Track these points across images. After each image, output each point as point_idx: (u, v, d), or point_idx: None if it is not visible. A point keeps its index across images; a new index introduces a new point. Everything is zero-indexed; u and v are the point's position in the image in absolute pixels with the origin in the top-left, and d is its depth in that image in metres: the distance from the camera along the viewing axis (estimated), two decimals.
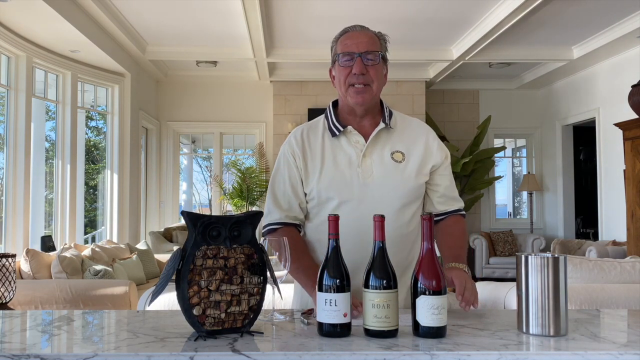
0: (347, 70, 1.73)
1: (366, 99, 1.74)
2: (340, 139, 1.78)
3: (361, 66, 1.71)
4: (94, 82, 7.03)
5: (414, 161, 1.77)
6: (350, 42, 1.73)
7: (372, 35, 1.76)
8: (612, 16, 5.95)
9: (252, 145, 9.33)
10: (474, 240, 8.44)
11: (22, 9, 4.86)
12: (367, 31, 1.77)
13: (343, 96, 1.78)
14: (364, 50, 1.71)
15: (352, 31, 1.77)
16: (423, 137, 1.82)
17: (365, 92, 1.73)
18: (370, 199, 1.71)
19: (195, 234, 1.32)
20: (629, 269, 2.95)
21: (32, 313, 1.66)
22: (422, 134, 1.83)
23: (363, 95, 1.73)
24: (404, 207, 1.75)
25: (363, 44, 1.72)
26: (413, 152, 1.78)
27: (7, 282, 3.95)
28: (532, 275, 1.32)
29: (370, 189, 1.72)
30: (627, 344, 1.26)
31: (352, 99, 1.74)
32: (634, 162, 5.78)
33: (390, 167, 1.75)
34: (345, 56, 1.73)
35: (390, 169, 1.74)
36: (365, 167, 1.74)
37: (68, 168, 6.40)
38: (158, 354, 1.17)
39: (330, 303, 1.29)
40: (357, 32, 1.76)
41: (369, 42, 1.73)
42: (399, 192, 1.74)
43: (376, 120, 1.80)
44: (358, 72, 1.71)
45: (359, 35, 1.74)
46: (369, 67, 1.72)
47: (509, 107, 9.27)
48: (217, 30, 6.50)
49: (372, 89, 1.74)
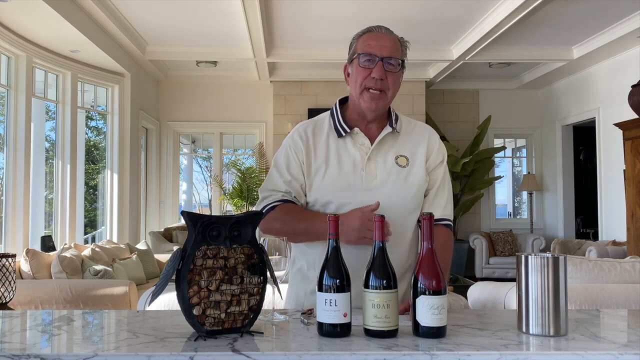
0: (366, 72, 1.68)
1: (379, 106, 1.71)
2: (346, 140, 1.75)
3: (382, 71, 1.66)
4: (94, 82, 7.03)
5: (418, 165, 1.75)
6: (374, 43, 1.68)
7: (395, 40, 1.72)
8: (612, 16, 5.96)
9: (252, 145, 9.33)
10: (474, 240, 8.44)
11: (22, 9, 4.86)
12: (391, 35, 1.72)
13: (356, 97, 1.73)
14: (387, 54, 1.67)
15: (377, 32, 1.71)
16: (426, 141, 1.80)
17: (380, 99, 1.69)
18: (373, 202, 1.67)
19: (195, 234, 1.32)
20: (629, 269, 2.95)
21: (32, 313, 1.66)
22: (425, 137, 1.81)
23: (377, 102, 1.70)
24: (407, 212, 1.73)
25: (387, 48, 1.68)
26: (417, 157, 1.76)
27: (7, 282, 3.95)
28: (532, 275, 1.32)
29: (373, 194, 1.68)
30: (627, 344, 1.26)
31: (365, 103, 1.71)
32: (634, 162, 5.78)
33: (394, 172, 1.72)
34: (366, 57, 1.68)
35: (394, 174, 1.72)
36: (369, 171, 1.71)
37: (68, 168, 6.40)
38: (158, 354, 1.17)
39: (330, 303, 1.29)
40: (381, 34, 1.71)
41: (393, 47, 1.69)
42: (402, 196, 1.71)
43: (383, 123, 1.78)
44: (377, 77, 1.66)
45: (384, 38, 1.69)
46: (388, 73, 1.68)
47: (509, 107, 9.27)
48: (217, 30, 6.50)
49: (387, 96, 1.70)
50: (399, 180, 1.72)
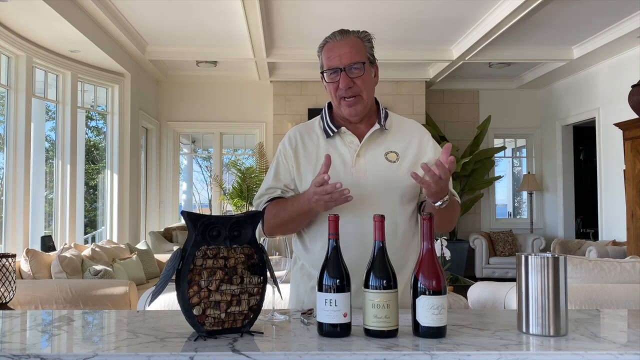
0: (335, 85, 1.73)
1: (358, 110, 1.75)
2: (335, 139, 1.79)
3: (347, 80, 1.70)
4: (94, 82, 7.03)
5: (408, 160, 1.76)
6: (333, 54, 1.72)
7: (354, 42, 1.73)
8: (612, 16, 5.95)
9: (252, 145, 9.33)
10: (474, 240, 8.44)
11: (22, 9, 4.86)
12: (348, 37, 1.73)
13: (337, 107, 1.79)
14: (348, 62, 1.70)
15: (332, 41, 1.74)
16: (417, 138, 1.82)
17: (357, 104, 1.74)
18: (364, 198, 1.70)
19: (195, 234, 1.32)
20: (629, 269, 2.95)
21: (32, 313, 1.66)
22: (416, 134, 1.83)
23: (355, 107, 1.74)
24: (399, 207, 1.74)
25: (346, 56, 1.70)
26: (407, 152, 1.78)
27: (7, 282, 3.95)
28: (532, 275, 1.32)
29: (364, 189, 1.71)
30: (627, 344, 1.26)
31: (345, 110, 1.76)
32: (634, 162, 5.78)
33: (384, 166, 1.74)
34: (330, 71, 1.73)
35: (384, 169, 1.74)
36: (359, 167, 1.74)
37: (68, 168, 6.40)
38: (158, 354, 1.17)
39: (330, 303, 1.29)
40: (337, 42, 1.73)
41: (352, 52, 1.71)
42: (393, 191, 1.73)
43: (372, 121, 1.81)
44: (344, 87, 1.71)
45: (340, 46, 1.71)
46: (355, 78, 1.71)
47: (509, 107, 9.27)
48: (217, 30, 6.50)
49: (363, 97, 1.74)
50: (389, 175, 1.74)
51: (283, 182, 1.80)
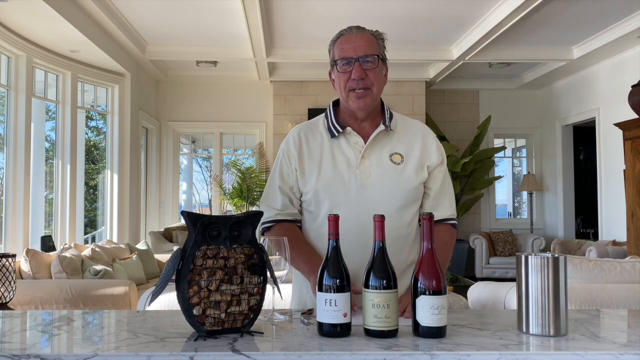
0: (347, 76, 1.71)
1: (367, 103, 1.73)
2: (340, 139, 1.77)
3: (360, 71, 1.69)
4: (94, 82, 7.03)
5: (413, 162, 1.76)
6: (347, 46, 1.71)
7: (369, 37, 1.73)
8: (612, 16, 5.96)
9: (252, 145, 9.33)
10: (474, 240, 8.45)
11: (22, 8, 4.86)
12: (364, 32, 1.74)
13: (344, 100, 1.76)
14: (362, 54, 1.69)
15: (348, 34, 1.74)
16: (421, 138, 1.81)
17: (366, 96, 1.72)
18: (368, 200, 1.69)
19: (195, 234, 1.32)
20: (629, 269, 2.95)
21: (32, 313, 1.66)
22: (421, 135, 1.82)
23: (365, 100, 1.72)
24: (403, 209, 1.74)
25: (360, 48, 1.69)
26: (412, 154, 1.77)
27: (7, 282, 3.95)
28: (532, 275, 1.32)
29: (368, 191, 1.71)
30: (627, 344, 1.26)
31: (353, 103, 1.73)
32: (634, 162, 5.78)
33: (389, 168, 1.73)
34: (342, 61, 1.71)
35: (389, 171, 1.73)
36: (364, 169, 1.73)
37: (68, 168, 6.40)
38: (158, 354, 1.17)
39: (330, 303, 1.29)
40: (353, 35, 1.73)
41: (367, 45, 1.70)
42: (397, 193, 1.73)
43: (376, 122, 1.79)
44: (357, 78, 1.69)
45: (356, 38, 1.71)
46: (368, 71, 1.70)
47: (509, 107, 9.27)
48: (217, 30, 6.50)
49: (373, 92, 1.72)
50: (394, 177, 1.73)
51: (289, 183, 1.79)
